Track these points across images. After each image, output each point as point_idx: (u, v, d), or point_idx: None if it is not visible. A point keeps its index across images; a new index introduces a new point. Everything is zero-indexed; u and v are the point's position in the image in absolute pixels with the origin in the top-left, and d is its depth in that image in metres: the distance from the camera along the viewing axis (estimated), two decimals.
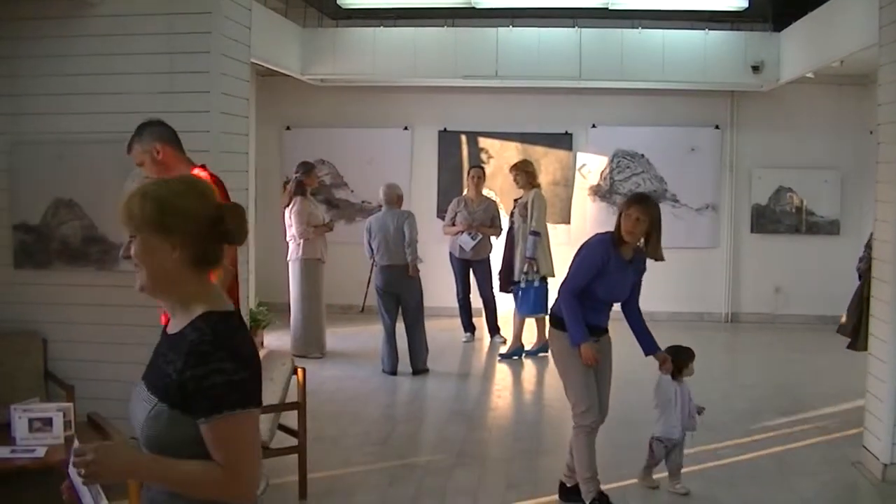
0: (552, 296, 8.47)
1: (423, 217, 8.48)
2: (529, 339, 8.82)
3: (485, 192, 9.66)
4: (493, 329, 9.45)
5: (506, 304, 9.24)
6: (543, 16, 10.17)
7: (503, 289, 8.89)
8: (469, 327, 9.58)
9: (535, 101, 11.01)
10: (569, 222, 10.97)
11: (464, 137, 11.14)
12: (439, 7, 9.99)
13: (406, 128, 11.21)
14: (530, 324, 8.76)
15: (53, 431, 4.37)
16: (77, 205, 5.18)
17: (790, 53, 9.54)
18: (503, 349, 8.97)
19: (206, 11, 5.02)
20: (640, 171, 10.96)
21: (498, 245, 9.19)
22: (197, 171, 4.07)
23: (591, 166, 11.05)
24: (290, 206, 8.56)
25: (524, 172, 8.64)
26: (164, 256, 2.01)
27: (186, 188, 2.08)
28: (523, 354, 8.77)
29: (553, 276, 8.51)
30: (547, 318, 8.63)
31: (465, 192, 9.71)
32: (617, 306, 4.91)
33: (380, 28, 10.20)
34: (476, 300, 9.45)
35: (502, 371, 8.42)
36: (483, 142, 11.12)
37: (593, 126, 11.00)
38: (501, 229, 9.21)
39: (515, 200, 8.83)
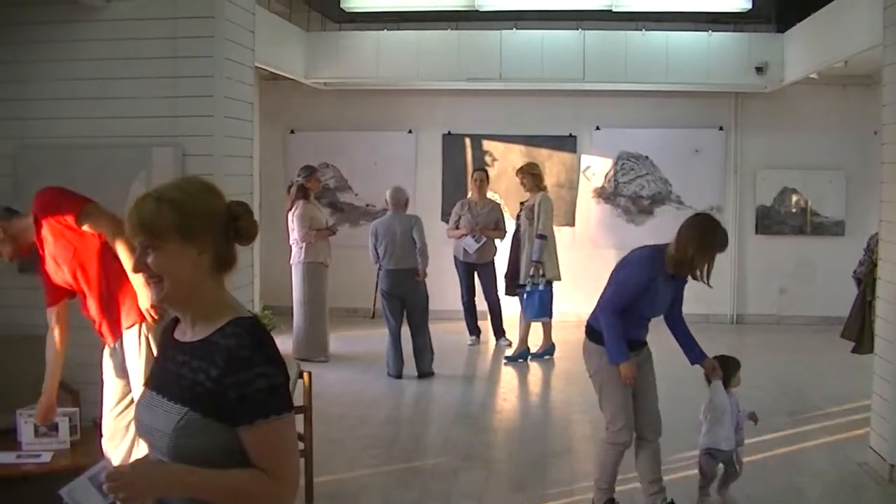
0: (557, 299, 8.63)
1: (427, 220, 8.45)
2: (535, 341, 8.80)
3: (489, 194, 9.65)
4: (499, 332, 9.44)
5: (511, 307, 9.22)
6: (547, 18, 10.16)
7: (509, 292, 8.86)
8: (474, 330, 9.56)
9: (538, 104, 11.00)
10: (573, 225, 10.96)
11: (468, 140, 11.14)
12: (443, 10, 9.97)
13: (410, 131, 11.21)
14: (536, 327, 8.74)
15: (59, 436, 4.36)
16: None
17: (794, 54, 9.53)
18: (509, 352, 8.96)
19: (209, 16, 5.03)
20: (644, 172, 10.95)
21: (503, 248, 9.17)
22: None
23: (596, 168, 11.04)
24: (293, 210, 8.57)
25: (530, 175, 8.62)
26: (188, 262, 1.93)
27: (197, 188, 1.99)
28: (529, 357, 8.76)
29: (559, 279, 8.50)
30: (550, 322, 8.81)
31: (469, 195, 9.71)
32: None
33: (383, 31, 10.21)
34: (481, 303, 9.45)
35: (508, 374, 8.41)
36: (487, 144, 11.11)
37: (597, 128, 10.98)
38: (505, 232, 9.20)
39: (521, 203, 8.81)
